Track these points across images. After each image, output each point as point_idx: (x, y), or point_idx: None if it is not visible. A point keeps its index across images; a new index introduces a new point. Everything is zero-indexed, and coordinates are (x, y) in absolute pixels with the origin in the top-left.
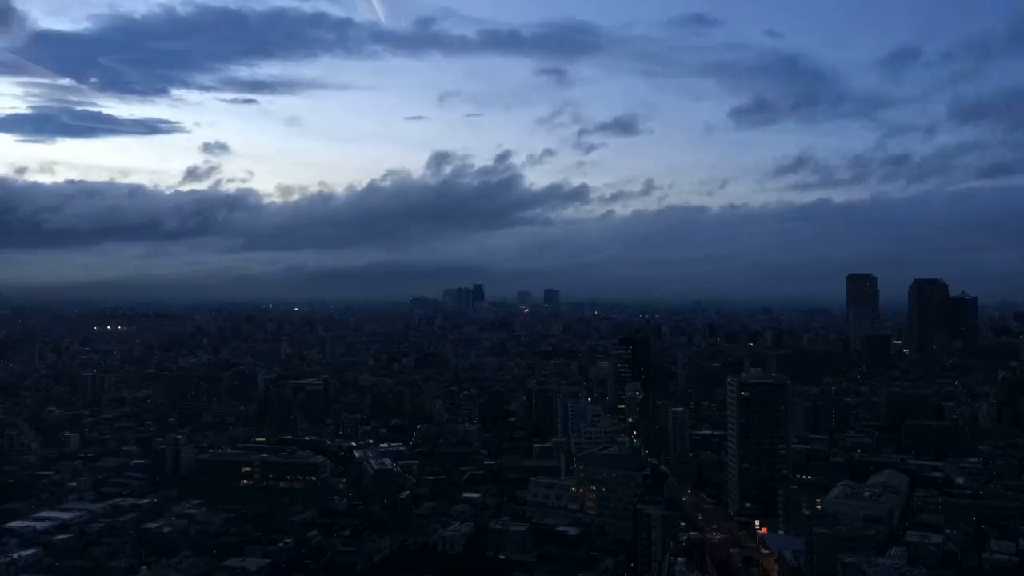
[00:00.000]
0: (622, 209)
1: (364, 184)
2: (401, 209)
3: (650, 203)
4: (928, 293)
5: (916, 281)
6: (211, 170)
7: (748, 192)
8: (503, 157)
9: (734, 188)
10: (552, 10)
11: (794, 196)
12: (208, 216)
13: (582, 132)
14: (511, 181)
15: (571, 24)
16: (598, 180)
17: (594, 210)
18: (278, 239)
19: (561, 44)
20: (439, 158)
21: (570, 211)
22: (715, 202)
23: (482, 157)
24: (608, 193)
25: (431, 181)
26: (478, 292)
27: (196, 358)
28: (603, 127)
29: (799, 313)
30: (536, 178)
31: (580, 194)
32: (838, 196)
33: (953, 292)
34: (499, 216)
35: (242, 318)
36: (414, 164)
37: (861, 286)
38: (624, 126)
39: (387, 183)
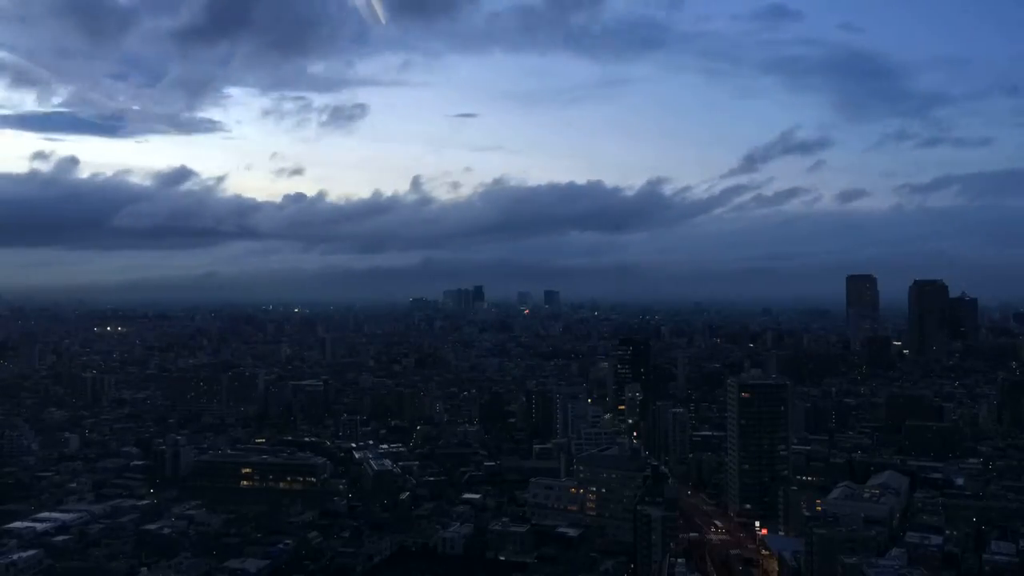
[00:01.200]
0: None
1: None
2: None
3: None
4: (928, 294)
5: (916, 282)
6: (283, 172)
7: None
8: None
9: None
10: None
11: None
12: (300, 219)
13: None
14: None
15: (638, 20)
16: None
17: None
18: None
19: (625, 41)
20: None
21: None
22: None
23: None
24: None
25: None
26: (478, 293)
27: (196, 359)
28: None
29: (799, 314)
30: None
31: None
32: None
33: (953, 293)
34: None
35: (242, 319)
36: (458, 165)
37: (861, 287)
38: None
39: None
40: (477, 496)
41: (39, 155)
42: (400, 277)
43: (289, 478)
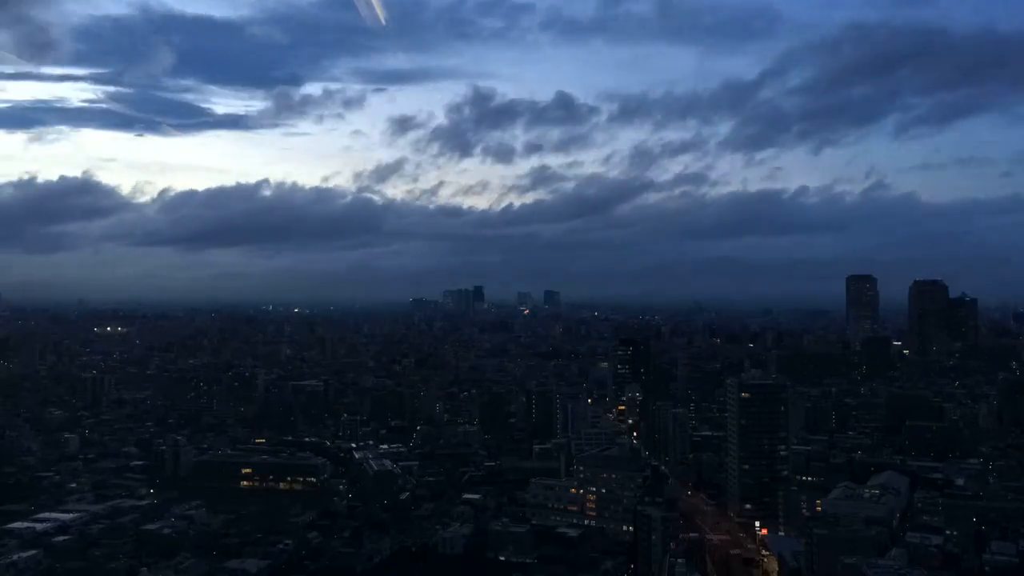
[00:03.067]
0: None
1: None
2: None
3: None
4: (928, 294)
5: (916, 282)
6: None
7: None
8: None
9: None
10: None
11: None
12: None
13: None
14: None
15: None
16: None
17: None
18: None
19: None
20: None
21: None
22: None
23: None
24: None
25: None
26: (478, 293)
27: (196, 359)
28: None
29: (799, 314)
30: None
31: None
32: None
33: (953, 293)
34: None
35: (242, 319)
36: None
37: (861, 287)
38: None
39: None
40: (477, 496)
41: None
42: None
43: (289, 478)
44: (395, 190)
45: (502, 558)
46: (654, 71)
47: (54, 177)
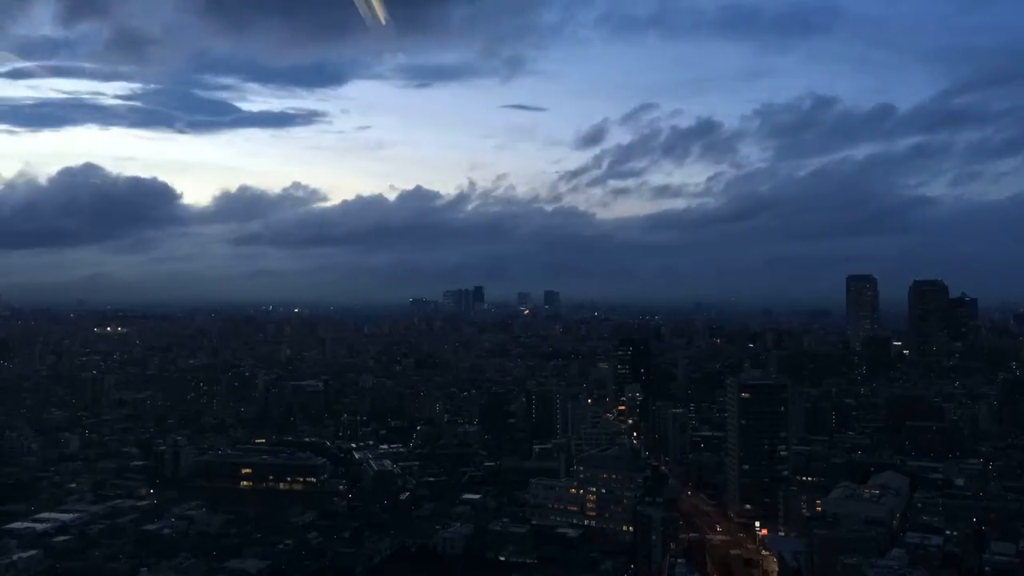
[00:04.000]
0: None
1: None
2: None
3: None
4: (928, 294)
5: (916, 282)
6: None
7: None
8: None
9: None
10: None
11: None
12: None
13: None
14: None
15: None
16: None
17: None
18: None
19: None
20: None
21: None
22: None
23: None
24: None
25: None
26: (478, 293)
27: (196, 359)
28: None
29: (799, 314)
30: None
31: None
32: None
33: (953, 293)
34: None
35: (242, 319)
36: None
37: (861, 288)
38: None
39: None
40: (477, 496)
41: None
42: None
43: (289, 478)
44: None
45: (502, 558)
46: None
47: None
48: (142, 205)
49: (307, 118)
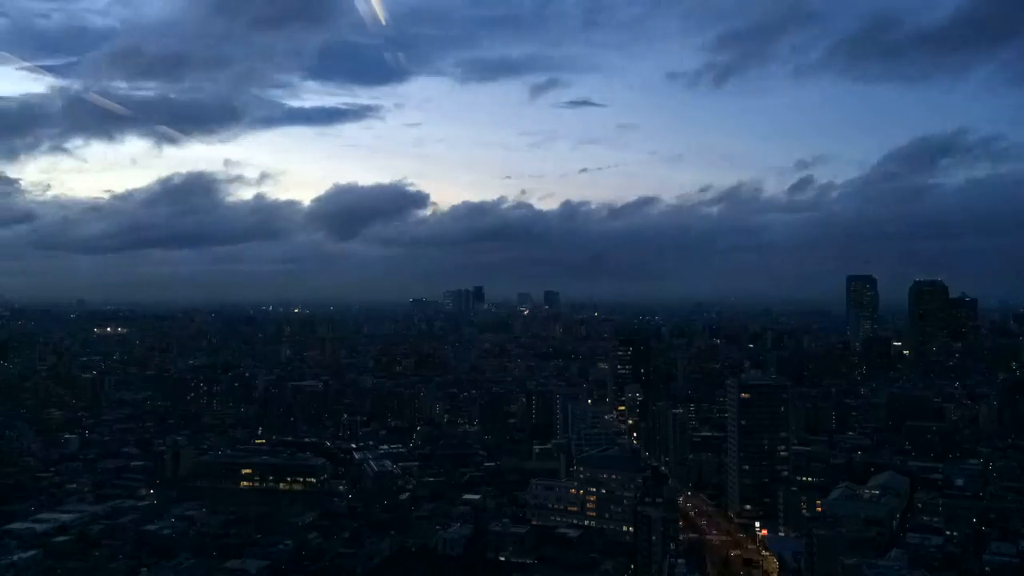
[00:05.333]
0: None
1: None
2: None
3: None
4: (928, 295)
5: (916, 282)
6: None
7: None
8: None
9: None
10: None
11: None
12: None
13: None
14: None
15: None
16: None
17: None
18: None
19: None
20: None
21: None
22: None
23: None
24: None
25: None
26: (478, 293)
27: (196, 359)
28: None
29: (799, 314)
30: None
31: None
32: None
33: (953, 293)
34: None
35: (242, 319)
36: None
37: (861, 288)
38: None
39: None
40: (477, 497)
41: None
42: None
43: (289, 479)
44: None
45: (502, 559)
46: None
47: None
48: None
49: (358, 113)
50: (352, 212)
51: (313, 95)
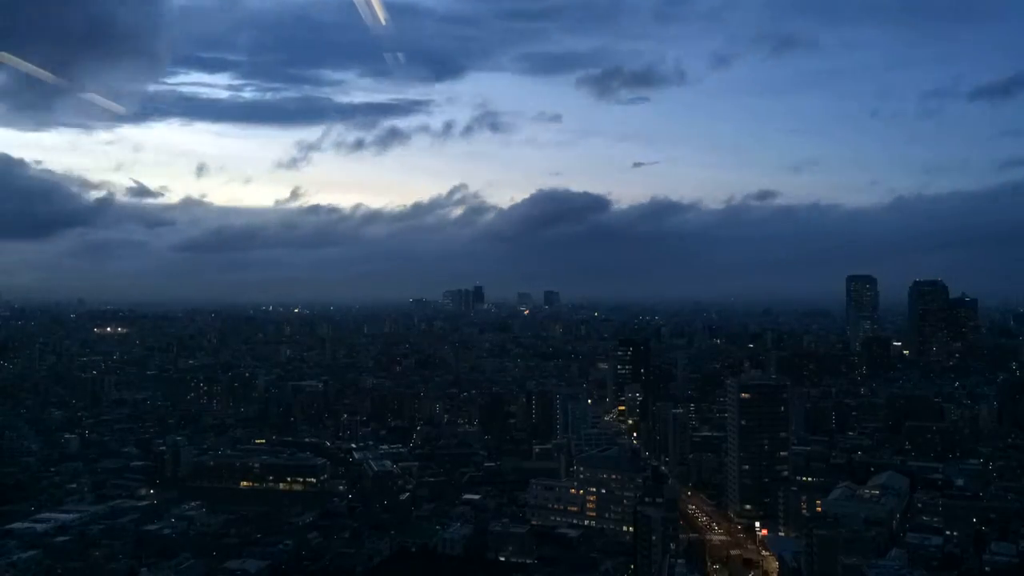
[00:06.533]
0: None
1: None
2: None
3: None
4: (928, 295)
5: (916, 282)
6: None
7: None
8: None
9: None
10: None
11: None
12: None
13: None
14: None
15: None
16: None
17: None
18: None
19: None
20: None
21: None
22: None
23: None
24: None
25: None
26: (478, 294)
27: (196, 359)
28: None
29: (799, 314)
30: None
31: None
32: None
33: (953, 293)
34: None
35: (242, 319)
36: None
37: (861, 287)
38: None
39: None
40: (477, 497)
41: None
42: None
43: (289, 479)
44: None
45: (502, 559)
46: None
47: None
48: None
49: (406, 109)
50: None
51: (363, 92)
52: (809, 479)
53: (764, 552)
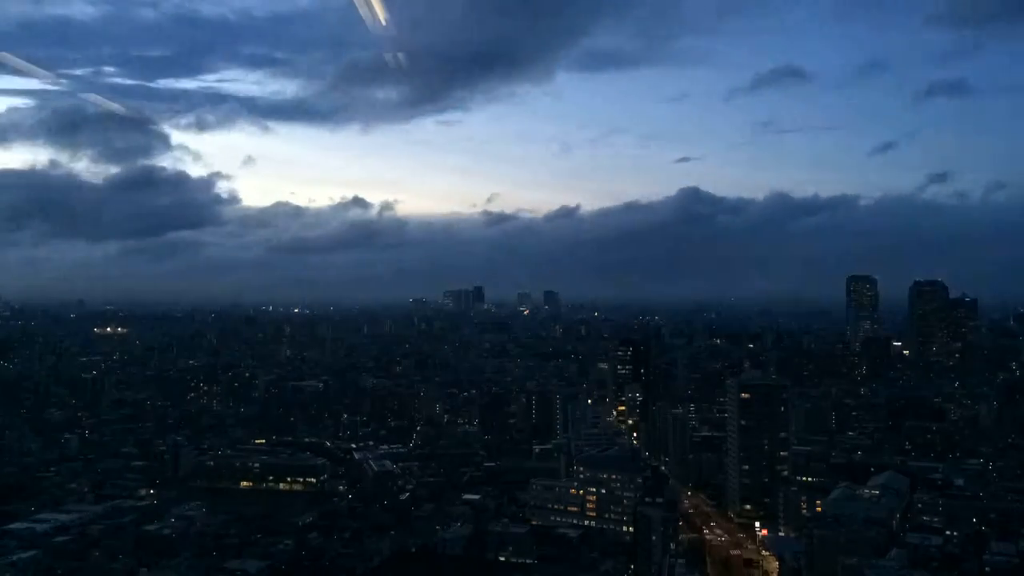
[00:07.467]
0: None
1: None
2: None
3: None
4: (928, 295)
5: (916, 282)
6: None
7: None
8: None
9: None
10: None
11: None
12: None
13: None
14: None
15: None
16: None
17: None
18: None
19: None
20: None
21: None
22: None
23: None
24: None
25: None
26: (478, 293)
27: (196, 359)
28: None
29: (799, 314)
30: None
31: None
32: None
33: (953, 294)
34: None
35: (242, 319)
36: None
37: (861, 287)
38: None
39: None
40: (477, 497)
41: None
42: None
43: (289, 479)
44: None
45: (502, 559)
46: None
47: None
48: None
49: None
50: None
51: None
52: (809, 479)
53: (764, 552)
